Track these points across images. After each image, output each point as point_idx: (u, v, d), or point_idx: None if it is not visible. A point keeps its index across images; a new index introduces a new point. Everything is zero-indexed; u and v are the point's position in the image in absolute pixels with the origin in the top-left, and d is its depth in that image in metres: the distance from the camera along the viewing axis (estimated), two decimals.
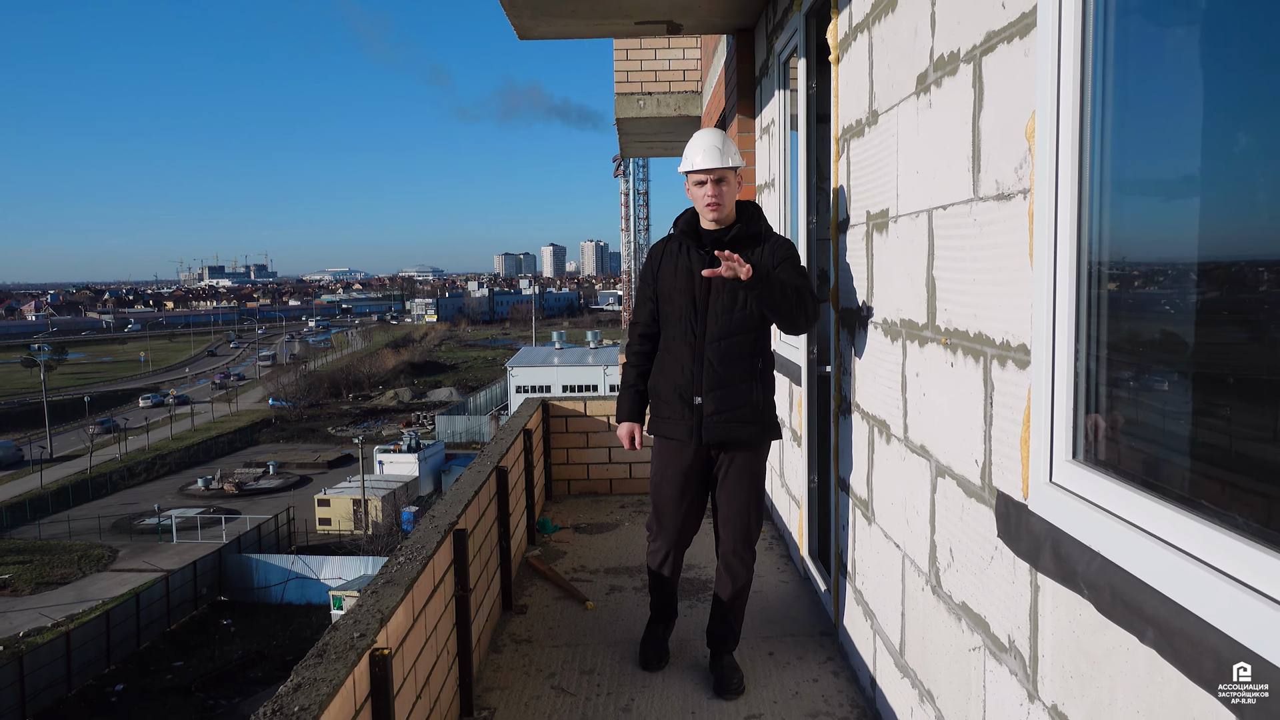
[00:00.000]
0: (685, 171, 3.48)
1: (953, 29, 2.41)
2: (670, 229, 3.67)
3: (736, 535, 3.54)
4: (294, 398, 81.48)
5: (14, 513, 48.08)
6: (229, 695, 27.68)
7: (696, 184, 3.44)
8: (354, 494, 44.86)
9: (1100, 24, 1.74)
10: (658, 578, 3.75)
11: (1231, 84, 1.50)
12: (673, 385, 3.49)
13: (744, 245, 3.44)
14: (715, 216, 3.46)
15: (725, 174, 3.42)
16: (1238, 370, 1.52)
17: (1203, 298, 1.58)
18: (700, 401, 3.43)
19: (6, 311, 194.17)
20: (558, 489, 6.75)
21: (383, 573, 2.82)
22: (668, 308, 3.52)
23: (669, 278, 3.52)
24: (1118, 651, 1.62)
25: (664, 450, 3.59)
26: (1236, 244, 1.51)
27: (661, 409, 3.56)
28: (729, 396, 3.41)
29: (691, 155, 3.45)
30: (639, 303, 3.67)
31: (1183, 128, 1.62)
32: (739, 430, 3.45)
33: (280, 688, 2.05)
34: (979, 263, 2.27)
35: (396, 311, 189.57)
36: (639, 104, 9.54)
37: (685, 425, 3.47)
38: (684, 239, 3.52)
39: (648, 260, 3.66)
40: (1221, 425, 1.56)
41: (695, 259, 3.46)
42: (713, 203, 3.41)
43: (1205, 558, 1.39)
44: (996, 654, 2.21)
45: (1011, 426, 2.08)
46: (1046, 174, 1.84)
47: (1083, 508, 1.74)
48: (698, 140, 3.47)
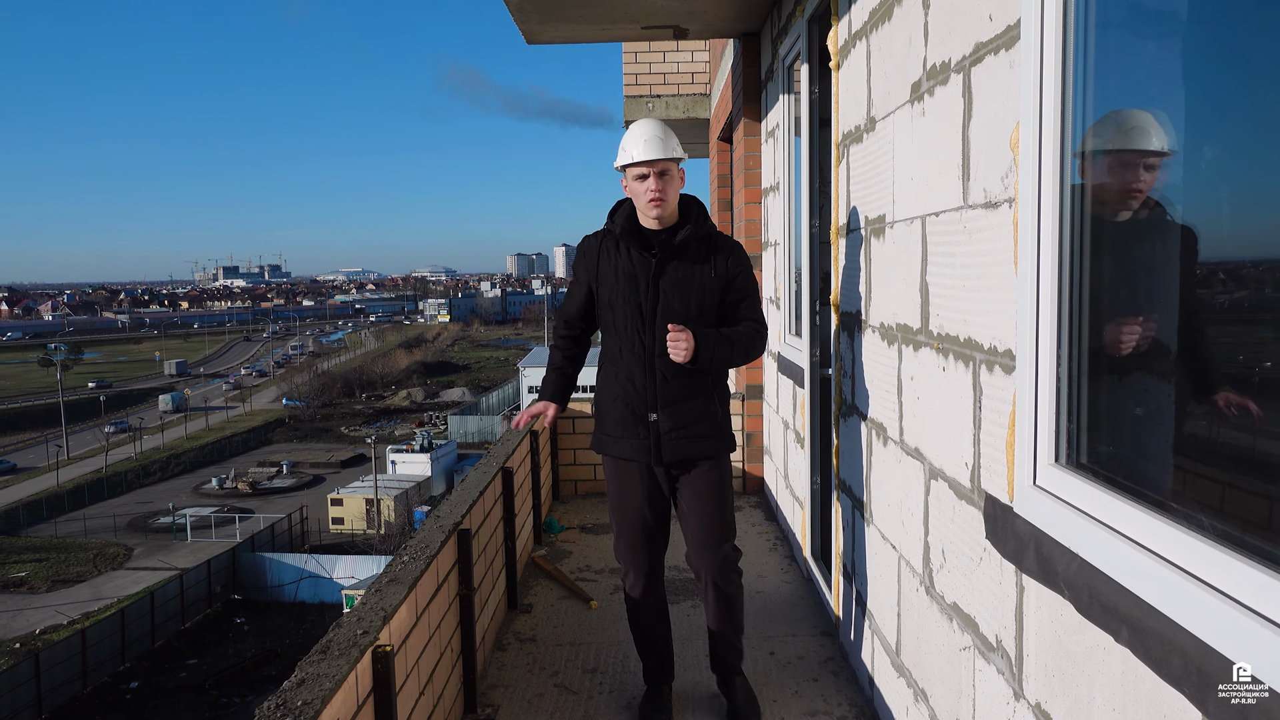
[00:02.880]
0: (623, 166, 3.15)
1: (944, 39, 2.45)
2: (606, 223, 3.27)
3: (713, 554, 3.26)
4: (307, 397, 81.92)
5: (31, 511, 48.55)
6: (242, 693, 27.88)
7: (637, 178, 3.11)
8: (367, 493, 45.12)
9: (1081, 37, 1.78)
10: (640, 608, 3.40)
11: (1207, 95, 1.54)
12: (623, 402, 3.19)
13: (695, 248, 3.17)
14: (658, 214, 3.12)
15: (668, 166, 3.11)
16: (1217, 375, 1.56)
17: (1182, 303, 1.62)
18: (656, 418, 3.16)
19: (24, 311, 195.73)
20: (565, 489, 6.81)
21: (387, 571, 2.88)
22: (609, 315, 3.20)
23: (609, 281, 3.19)
24: (1095, 651, 1.66)
25: (620, 473, 3.29)
26: (1215, 248, 1.55)
27: (610, 427, 3.25)
28: (686, 411, 3.16)
29: (630, 147, 3.12)
30: (569, 296, 3.36)
31: (1165, 132, 1.66)
32: (699, 445, 3.20)
33: (285, 683, 2.10)
34: (969, 269, 2.31)
35: (410, 312, 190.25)
36: (648, 106, 9.59)
37: (640, 444, 3.19)
38: (625, 239, 3.18)
39: (581, 255, 3.30)
40: (1197, 430, 1.60)
41: (639, 261, 3.14)
42: (655, 198, 3.09)
43: (1175, 560, 1.42)
44: (985, 653, 2.25)
45: (999, 430, 2.12)
46: (1030, 183, 1.88)
47: (1064, 510, 1.78)
48: (637, 130, 3.14)
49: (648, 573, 3.36)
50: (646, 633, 3.45)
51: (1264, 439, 1.38)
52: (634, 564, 3.35)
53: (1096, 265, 1.79)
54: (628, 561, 3.36)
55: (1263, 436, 1.39)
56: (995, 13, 2.08)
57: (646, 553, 3.34)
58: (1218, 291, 1.55)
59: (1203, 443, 1.59)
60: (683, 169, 3.21)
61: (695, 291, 3.14)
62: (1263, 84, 1.36)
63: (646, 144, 3.09)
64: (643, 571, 3.35)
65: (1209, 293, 1.57)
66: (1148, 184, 1.74)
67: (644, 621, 3.43)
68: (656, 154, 3.07)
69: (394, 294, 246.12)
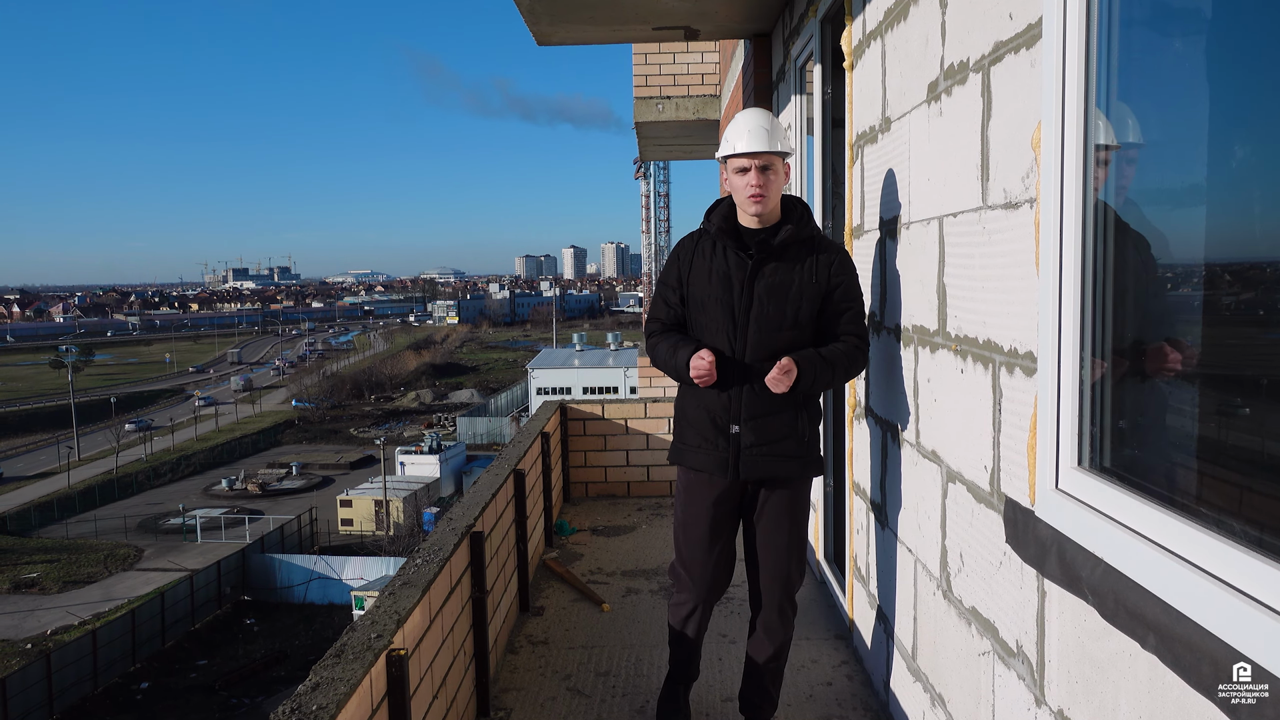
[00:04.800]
0: (725, 156, 2.97)
1: (962, 38, 2.43)
2: (702, 223, 3.09)
3: (776, 588, 3.07)
4: (317, 399, 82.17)
5: (42, 512, 48.77)
6: (252, 694, 27.95)
7: (738, 171, 2.92)
8: (376, 495, 45.22)
9: (1104, 35, 1.75)
10: (680, 636, 3.24)
11: (1232, 93, 1.52)
12: (705, 409, 2.99)
13: (795, 251, 2.97)
14: (758, 210, 2.93)
15: (773, 160, 2.91)
16: (1240, 377, 1.54)
17: (1206, 304, 1.60)
18: (738, 430, 2.95)
19: (35, 313, 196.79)
20: (575, 491, 6.80)
21: (400, 574, 2.87)
22: (700, 317, 3.00)
23: (701, 282, 2.99)
24: (1120, 657, 1.64)
25: (691, 485, 3.10)
26: (1241, 248, 1.53)
27: (689, 436, 3.07)
28: (771, 426, 2.95)
29: (734, 137, 2.93)
30: (656, 304, 3.14)
31: (1185, 137, 1.64)
32: (781, 465, 2.99)
33: (299, 687, 2.10)
34: (988, 270, 2.29)
35: (418, 313, 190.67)
36: (658, 108, 9.58)
37: (718, 456, 2.99)
38: (721, 238, 2.99)
39: (673, 259, 3.10)
40: (1221, 433, 1.58)
41: (734, 262, 2.95)
42: (756, 194, 2.89)
43: (1203, 565, 1.40)
44: (1005, 659, 2.22)
45: (1019, 433, 2.10)
46: (1052, 183, 1.86)
47: (1087, 514, 1.75)
48: (741, 120, 2.95)
49: (704, 599, 3.17)
50: (680, 646, 3.29)
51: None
52: (692, 587, 3.16)
53: (1120, 266, 1.77)
54: (684, 583, 3.18)
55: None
56: (1016, 11, 2.06)
57: (707, 577, 3.13)
58: (1245, 292, 1.53)
59: (1229, 445, 1.57)
60: (788, 164, 3.03)
61: (793, 299, 2.93)
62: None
63: (751, 135, 2.90)
64: (700, 597, 3.16)
65: (1234, 294, 1.55)
66: (1128, 177, 1.75)
67: (684, 646, 3.27)
68: (760, 145, 2.88)
69: (402, 295, 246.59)
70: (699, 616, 3.21)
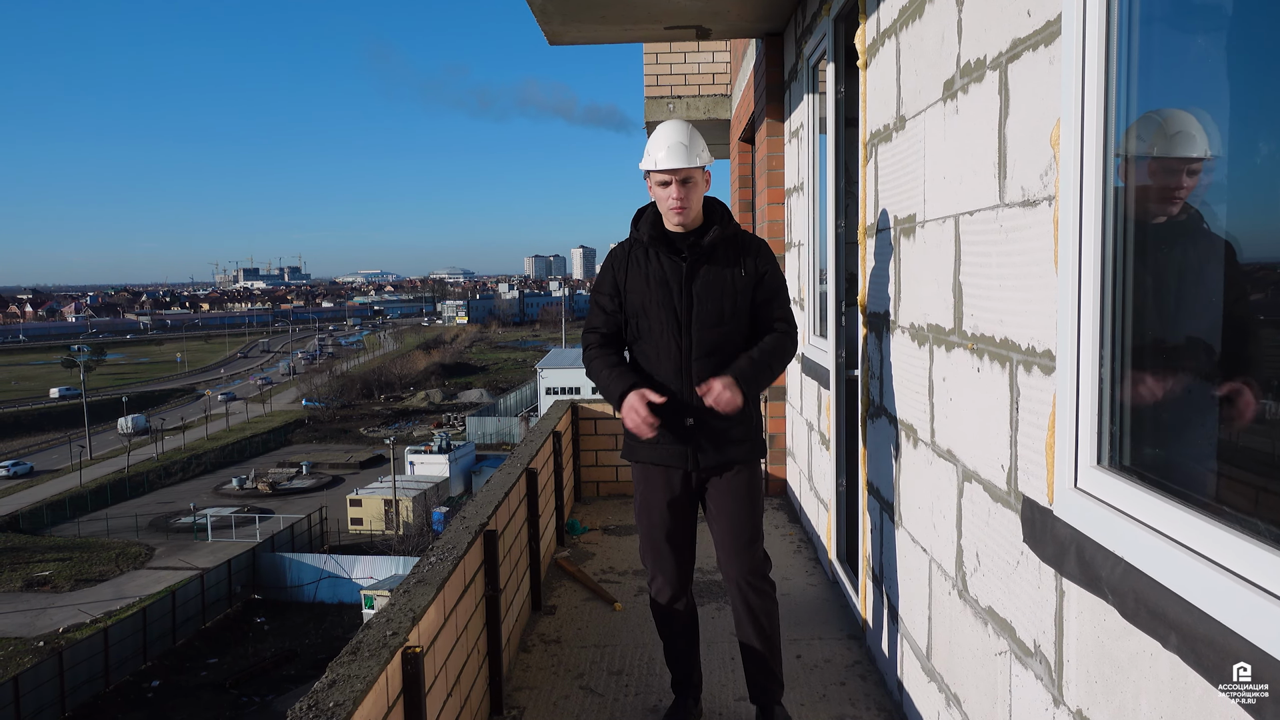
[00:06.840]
0: (647, 170, 3.12)
1: (979, 36, 2.42)
2: (631, 232, 3.25)
3: (743, 562, 3.19)
4: (327, 399, 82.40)
5: (54, 511, 49.04)
6: (262, 692, 28.05)
7: (659, 185, 3.08)
8: (385, 494, 45.31)
9: (1125, 32, 1.74)
10: (670, 615, 3.34)
11: (1255, 90, 1.51)
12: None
13: (724, 250, 3.14)
14: (680, 221, 3.10)
15: (692, 174, 3.06)
16: (1260, 375, 1.53)
17: (1228, 302, 1.59)
18: (692, 423, 3.12)
19: (47, 313, 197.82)
20: (587, 491, 6.80)
21: (415, 572, 2.88)
22: (642, 322, 3.15)
23: (639, 288, 3.14)
24: (1141, 657, 1.63)
25: (649, 478, 3.23)
26: (1264, 248, 1.52)
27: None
28: (722, 416, 3.08)
29: (654, 152, 3.08)
30: (594, 313, 3.28)
31: (1207, 134, 1.63)
32: (733, 451, 3.16)
33: (315, 684, 2.10)
34: (1005, 269, 2.28)
35: (428, 313, 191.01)
36: (668, 107, 9.57)
37: (675, 450, 3.15)
38: (654, 245, 3.14)
39: (607, 268, 3.26)
40: (1246, 430, 1.56)
41: (670, 266, 3.11)
42: (678, 206, 3.06)
43: (1227, 563, 1.39)
44: (1022, 658, 2.21)
45: (1037, 432, 2.09)
46: (1071, 181, 1.85)
47: (1107, 513, 1.74)
48: (661, 135, 3.09)
49: (675, 579, 3.30)
50: (674, 642, 3.38)
51: None
52: (661, 569, 3.29)
53: (1140, 264, 1.76)
54: (655, 566, 3.31)
55: None
56: (1034, 8, 2.05)
57: (674, 557, 3.28)
58: (1268, 292, 1.52)
59: (1252, 443, 1.56)
60: (708, 171, 3.17)
61: (728, 294, 3.11)
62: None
63: (670, 151, 3.05)
64: (670, 577, 3.29)
65: (1257, 293, 1.54)
66: (1189, 188, 1.72)
67: (673, 628, 3.36)
68: (679, 162, 3.04)
69: (412, 295, 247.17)
70: (685, 596, 3.34)
